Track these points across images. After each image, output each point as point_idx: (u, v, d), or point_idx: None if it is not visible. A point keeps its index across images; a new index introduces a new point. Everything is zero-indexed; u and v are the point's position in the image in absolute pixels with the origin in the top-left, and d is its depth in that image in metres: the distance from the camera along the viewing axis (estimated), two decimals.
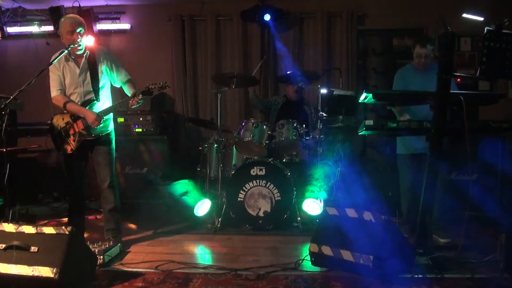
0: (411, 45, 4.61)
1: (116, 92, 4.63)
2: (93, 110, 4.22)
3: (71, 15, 4.32)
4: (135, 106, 4.25)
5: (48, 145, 5.63)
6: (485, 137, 5.20)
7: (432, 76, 3.58)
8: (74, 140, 4.23)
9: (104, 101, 4.35)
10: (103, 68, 4.30)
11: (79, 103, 4.22)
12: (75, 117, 4.23)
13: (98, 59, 4.29)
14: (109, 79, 4.41)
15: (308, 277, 3.49)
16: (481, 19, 4.49)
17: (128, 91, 4.42)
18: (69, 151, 4.26)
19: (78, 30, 4.07)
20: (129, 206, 5.93)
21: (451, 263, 3.61)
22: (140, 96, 4.18)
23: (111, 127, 4.45)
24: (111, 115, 4.40)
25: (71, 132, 4.24)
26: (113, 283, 3.39)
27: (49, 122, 4.42)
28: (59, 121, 4.31)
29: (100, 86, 4.27)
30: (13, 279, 3.07)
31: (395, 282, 3.30)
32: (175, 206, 5.59)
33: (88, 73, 4.24)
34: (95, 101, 4.25)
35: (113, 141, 4.47)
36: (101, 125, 4.25)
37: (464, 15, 4.70)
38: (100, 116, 4.15)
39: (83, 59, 4.23)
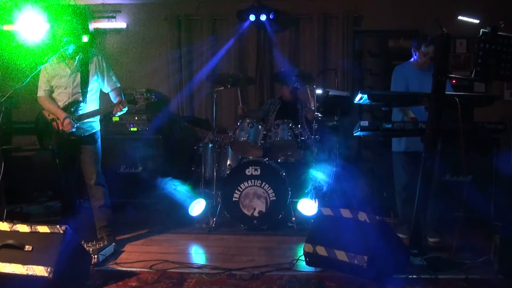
0: (415, 43, 4.51)
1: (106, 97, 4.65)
2: (79, 111, 4.28)
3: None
4: (118, 114, 4.33)
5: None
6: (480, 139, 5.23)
7: (430, 76, 3.57)
8: (56, 138, 4.28)
9: (91, 104, 4.40)
10: (94, 72, 4.36)
11: (66, 103, 4.28)
12: None
13: (90, 62, 4.35)
14: (99, 84, 4.46)
15: (302, 277, 3.49)
16: (477, 21, 4.50)
17: (113, 98, 4.51)
18: (50, 146, 4.33)
19: None
20: (123, 205, 5.92)
21: (445, 264, 3.62)
22: (125, 105, 4.26)
23: (96, 127, 4.49)
24: (96, 120, 4.48)
25: (55, 128, 4.28)
26: (107, 283, 3.39)
27: (36, 116, 4.47)
28: (46, 116, 4.36)
29: (88, 89, 4.33)
30: (7, 278, 3.05)
31: (389, 283, 3.31)
32: (169, 205, 5.59)
33: (79, 75, 4.29)
34: (81, 103, 4.30)
35: (99, 140, 4.52)
36: (85, 126, 4.33)
37: (460, 17, 4.71)
38: (73, 122, 4.18)
39: (76, 61, 4.28)
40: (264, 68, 6.91)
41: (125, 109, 4.30)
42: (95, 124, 4.46)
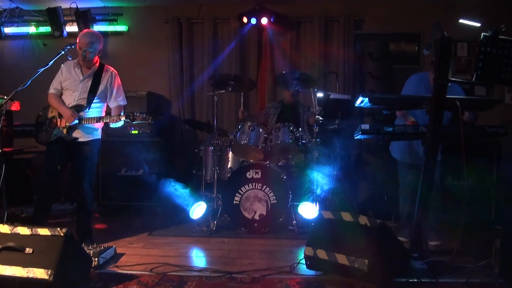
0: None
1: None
2: (81, 115, 4.37)
3: (84, 32, 4.53)
4: (112, 125, 4.44)
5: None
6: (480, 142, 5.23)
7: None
8: (51, 133, 4.37)
9: (94, 113, 4.46)
10: (104, 86, 4.49)
11: (70, 105, 4.37)
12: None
13: (103, 76, 4.50)
14: (105, 97, 4.56)
15: (303, 281, 3.49)
16: (478, 25, 4.50)
17: (113, 113, 4.60)
18: (44, 141, 4.43)
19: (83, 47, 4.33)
20: (124, 208, 5.93)
21: (446, 267, 3.61)
22: (122, 119, 4.34)
23: (96, 136, 4.54)
24: (98, 129, 4.53)
25: (53, 125, 4.38)
26: (108, 286, 3.38)
27: (41, 110, 4.57)
28: (48, 112, 4.48)
29: (95, 98, 4.43)
30: (8, 281, 3.05)
31: (390, 287, 3.30)
32: (170, 208, 5.60)
33: (90, 83, 4.42)
34: (84, 108, 4.38)
35: (96, 149, 4.58)
36: (84, 131, 4.40)
37: (461, 20, 4.71)
38: (74, 113, 4.28)
39: (90, 71, 4.45)
40: (265, 71, 6.91)
41: (120, 123, 4.40)
42: (95, 132, 4.51)
